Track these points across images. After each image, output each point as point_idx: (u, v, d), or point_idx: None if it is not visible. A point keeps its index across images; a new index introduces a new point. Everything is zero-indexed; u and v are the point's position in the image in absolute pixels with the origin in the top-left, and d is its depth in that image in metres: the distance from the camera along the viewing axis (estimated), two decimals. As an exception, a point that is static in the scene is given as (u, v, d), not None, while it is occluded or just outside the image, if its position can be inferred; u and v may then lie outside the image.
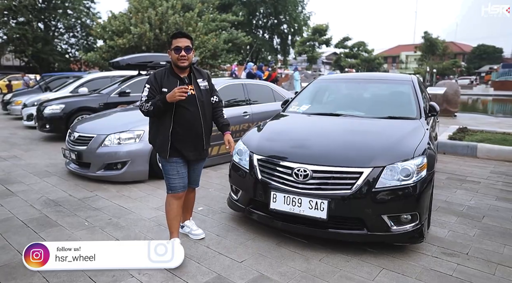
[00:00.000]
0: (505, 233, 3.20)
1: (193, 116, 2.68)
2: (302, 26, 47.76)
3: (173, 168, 2.73)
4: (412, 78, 4.31)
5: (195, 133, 2.71)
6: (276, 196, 2.86)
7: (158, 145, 2.74)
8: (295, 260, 2.70)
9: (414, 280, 2.44)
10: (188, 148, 2.72)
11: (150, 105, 2.58)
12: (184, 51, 2.59)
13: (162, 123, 2.67)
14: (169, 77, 2.66)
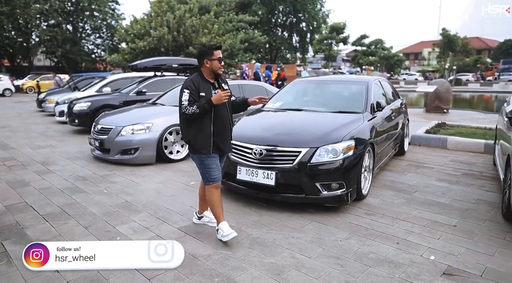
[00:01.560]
0: (424, 202, 4.08)
1: (225, 116, 3.09)
2: (321, 24, 48.07)
3: (212, 162, 3.07)
4: (369, 80, 5.20)
5: (227, 130, 3.13)
6: (241, 169, 3.89)
7: (199, 143, 3.02)
8: (252, 215, 3.71)
9: (332, 228, 3.41)
10: (224, 143, 3.12)
11: (196, 108, 2.87)
12: (222, 61, 3.07)
13: (202, 124, 2.99)
14: (203, 83, 3.01)
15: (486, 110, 14.01)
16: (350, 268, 2.71)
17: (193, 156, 3.16)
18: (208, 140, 3.01)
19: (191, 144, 3.10)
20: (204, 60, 3.00)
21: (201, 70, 3.06)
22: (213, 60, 2.98)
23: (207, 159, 3.05)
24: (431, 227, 3.42)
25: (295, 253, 2.93)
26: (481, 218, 3.64)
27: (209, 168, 3.08)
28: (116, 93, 9.14)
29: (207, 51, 3.00)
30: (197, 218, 3.52)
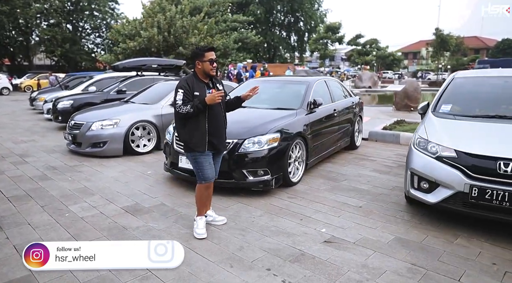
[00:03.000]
0: (346, 189, 4.63)
1: (219, 115, 3.19)
2: (318, 23, 48.49)
3: (206, 160, 3.16)
4: (311, 81, 5.74)
5: (222, 128, 3.24)
6: (182, 158, 4.45)
7: (194, 142, 3.10)
8: (188, 198, 4.26)
9: (252, 208, 3.96)
10: (219, 141, 3.22)
11: (190, 107, 2.96)
12: (215, 62, 3.15)
13: (197, 123, 3.07)
14: (197, 83, 3.10)
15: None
16: (249, 237, 3.27)
17: (187, 154, 3.26)
18: (204, 138, 3.09)
19: (186, 142, 3.17)
20: (196, 62, 3.10)
21: (195, 70, 3.17)
22: (204, 61, 3.07)
23: (201, 157, 3.15)
24: (338, 208, 3.97)
25: (210, 226, 3.49)
26: (388, 201, 4.18)
27: (202, 166, 3.17)
28: (98, 92, 9.71)
29: (199, 53, 3.10)
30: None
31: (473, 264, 2.81)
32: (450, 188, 3.28)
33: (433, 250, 3.04)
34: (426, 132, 3.73)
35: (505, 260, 2.89)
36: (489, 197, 3.09)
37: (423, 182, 3.53)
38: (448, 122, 3.84)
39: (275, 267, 2.77)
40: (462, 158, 3.27)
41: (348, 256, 2.92)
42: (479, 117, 3.81)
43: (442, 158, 3.39)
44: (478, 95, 4.25)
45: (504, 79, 4.40)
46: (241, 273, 2.67)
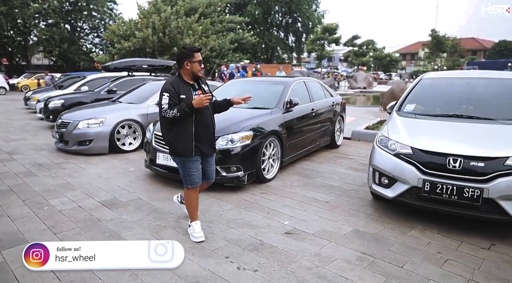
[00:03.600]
0: (318, 185, 4.82)
1: (207, 117, 3.11)
2: (316, 24, 48.72)
3: (194, 165, 3.09)
4: (289, 81, 5.94)
5: (210, 131, 3.15)
6: (160, 155, 4.65)
7: (181, 146, 3.02)
8: (164, 193, 4.46)
9: (224, 202, 4.15)
10: (207, 145, 3.14)
11: (176, 111, 2.87)
12: (202, 63, 3.11)
13: (184, 126, 2.99)
14: (182, 85, 3.01)
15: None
16: (215, 228, 3.46)
17: (175, 158, 3.18)
18: (190, 143, 3.02)
19: (172, 147, 3.10)
20: (185, 62, 3.00)
21: (180, 72, 3.07)
22: (194, 62, 3.00)
23: (189, 162, 3.08)
24: (306, 203, 4.16)
25: (180, 219, 3.68)
26: (355, 197, 4.37)
27: (189, 171, 3.10)
28: (89, 91, 9.90)
29: (188, 53, 3.01)
30: (179, 201, 3.69)
31: (419, 253, 3.01)
32: (406, 183, 3.48)
33: (386, 240, 3.23)
34: (387, 131, 3.93)
35: (451, 249, 3.08)
36: (440, 191, 3.29)
37: (384, 178, 3.72)
38: (409, 121, 4.03)
39: (233, 255, 2.96)
40: (417, 155, 3.47)
41: (304, 246, 3.11)
42: (438, 117, 4.01)
43: (399, 154, 3.58)
44: (440, 95, 4.44)
45: (466, 81, 4.59)
46: (200, 261, 2.86)
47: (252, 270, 2.73)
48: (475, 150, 3.25)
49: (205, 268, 2.75)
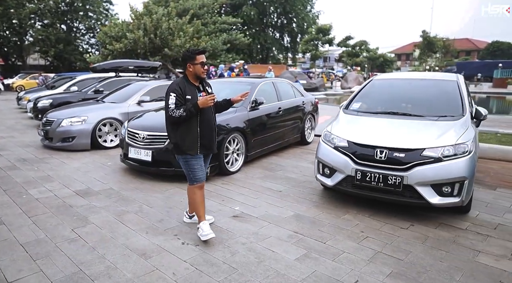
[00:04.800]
0: (277, 177, 5.26)
1: (210, 117, 3.26)
2: (311, 25, 49.19)
3: (197, 162, 3.22)
4: (256, 82, 6.38)
5: (212, 130, 3.31)
6: (131, 150, 5.09)
7: (187, 145, 3.15)
8: (135, 183, 4.90)
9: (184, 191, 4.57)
10: (210, 143, 3.28)
11: (183, 111, 3.01)
12: (206, 65, 3.22)
13: (189, 126, 3.12)
14: (188, 86, 3.15)
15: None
16: (172, 213, 3.91)
17: (179, 157, 3.27)
18: (196, 141, 3.16)
19: (178, 146, 3.20)
20: (188, 65, 3.13)
21: (185, 74, 3.21)
22: (196, 64, 3.11)
23: (193, 159, 3.20)
24: (260, 192, 4.61)
25: (143, 205, 4.13)
26: (307, 187, 4.82)
27: (193, 169, 3.22)
28: (77, 91, 10.32)
29: (190, 56, 3.12)
30: (188, 217, 3.64)
31: (344, 232, 3.46)
32: (342, 173, 3.93)
33: (320, 222, 3.68)
34: (331, 127, 4.38)
35: (374, 229, 3.54)
36: (369, 179, 3.74)
37: (326, 169, 4.18)
38: (351, 118, 4.49)
39: (182, 233, 3.41)
40: (351, 147, 3.92)
41: (246, 226, 3.56)
42: (378, 114, 4.46)
43: (338, 147, 4.04)
44: (384, 95, 4.90)
45: (409, 81, 5.05)
46: (151, 238, 3.31)
47: (194, 245, 3.18)
48: (398, 143, 3.70)
49: (154, 243, 3.20)
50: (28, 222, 3.62)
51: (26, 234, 3.36)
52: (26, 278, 2.65)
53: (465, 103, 4.26)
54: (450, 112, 4.16)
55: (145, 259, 2.92)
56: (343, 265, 2.87)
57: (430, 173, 3.54)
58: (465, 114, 4.10)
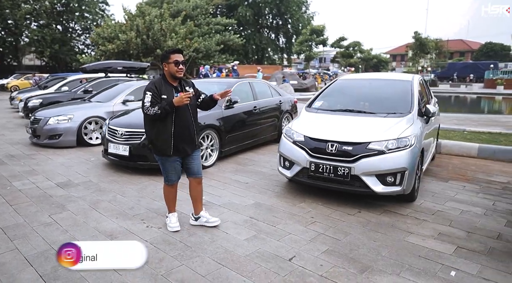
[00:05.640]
0: (248, 171, 5.63)
1: (187, 118, 3.22)
2: (306, 26, 49.65)
3: (171, 166, 3.29)
4: (231, 82, 6.76)
5: (189, 131, 3.26)
6: (110, 145, 5.46)
7: (160, 145, 3.19)
8: (113, 176, 5.26)
9: (159, 183, 4.86)
10: (186, 144, 3.27)
11: (157, 109, 3.03)
12: (181, 64, 3.16)
13: (164, 126, 3.14)
14: (165, 86, 3.16)
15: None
16: (143, 201, 4.27)
17: (156, 156, 3.36)
18: (169, 142, 3.16)
19: (153, 145, 3.29)
20: (163, 64, 3.18)
21: (163, 73, 3.24)
22: (169, 63, 3.12)
23: (167, 161, 3.26)
24: (228, 183, 4.98)
25: (117, 195, 4.49)
26: (273, 179, 5.19)
27: (167, 170, 3.32)
28: (67, 91, 10.67)
29: (165, 55, 3.17)
30: (193, 219, 3.62)
31: (296, 218, 3.83)
32: (299, 165, 4.31)
33: (276, 210, 4.06)
34: (293, 123, 4.76)
35: (324, 215, 3.91)
36: (322, 170, 4.12)
37: (286, 162, 4.55)
38: (311, 115, 4.87)
39: (148, 218, 3.77)
40: (307, 141, 4.30)
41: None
42: (336, 111, 4.84)
43: (296, 142, 4.41)
44: (344, 94, 5.28)
45: (369, 82, 5.44)
46: (120, 222, 3.67)
47: (157, 228, 3.55)
48: (347, 137, 4.09)
49: (121, 227, 3.57)
50: (9, 210, 3.98)
51: (6, 219, 3.72)
52: (3, 254, 3.01)
53: (413, 102, 4.64)
54: (399, 110, 4.54)
55: (111, 239, 3.29)
56: (286, 244, 3.24)
57: (374, 164, 3.92)
58: (412, 111, 4.49)
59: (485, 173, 5.65)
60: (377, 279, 2.70)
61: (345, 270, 2.82)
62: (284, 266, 2.87)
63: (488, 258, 3.03)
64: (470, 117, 11.39)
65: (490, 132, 7.84)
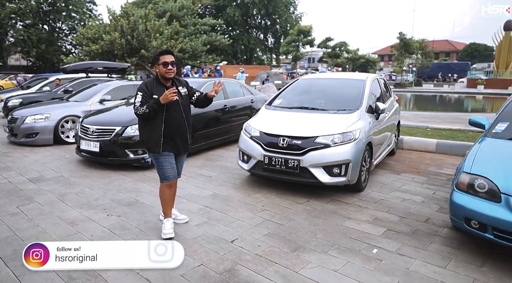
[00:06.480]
0: (214, 166, 5.94)
1: (178, 117, 3.25)
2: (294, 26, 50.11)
3: (165, 160, 3.28)
4: (202, 82, 7.06)
5: (181, 130, 3.29)
6: (82, 142, 5.73)
7: (152, 143, 3.24)
8: (85, 172, 5.53)
9: (126, 177, 5.24)
10: (178, 142, 3.30)
11: (146, 108, 3.08)
12: (170, 65, 3.17)
13: (154, 124, 3.19)
14: (157, 86, 3.21)
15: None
16: (109, 193, 4.55)
17: (149, 154, 3.42)
18: (159, 139, 3.20)
19: (144, 143, 3.36)
20: (154, 66, 3.27)
21: (156, 74, 3.32)
22: (159, 64, 3.18)
23: (160, 157, 3.27)
24: (192, 177, 5.29)
25: (85, 188, 4.77)
26: (236, 173, 5.51)
27: (162, 166, 3.31)
28: (47, 91, 10.85)
29: (155, 57, 3.24)
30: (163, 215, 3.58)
31: (248, 207, 4.16)
32: (255, 158, 4.64)
33: (231, 200, 4.38)
34: (251, 120, 5.09)
35: (274, 204, 4.24)
36: (274, 163, 4.45)
37: (245, 156, 4.88)
38: (269, 112, 5.20)
39: (111, 208, 4.07)
40: (262, 136, 4.63)
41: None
42: (292, 108, 5.18)
43: (252, 137, 4.74)
44: (301, 92, 5.63)
45: (327, 81, 5.80)
46: (83, 211, 3.96)
47: (117, 216, 3.85)
48: (297, 132, 4.43)
49: (84, 215, 3.85)
50: (-19, 202, 4.24)
51: (-24, 210, 3.98)
52: (-31, 240, 3.28)
53: (363, 99, 5.00)
54: (348, 107, 4.90)
55: (72, 226, 3.58)
56: (232, 228, 3.57)
57: (321, 156, 4.27)
58: (360, 108, 4.84)
59: (437, 166, 6.05)
60: (306, 256, 3.04)
61: (280, 249, 3.15)
62: (225, 247, 3.19)
63: (410, 238, 3.39)
64: (438, 115, 11.87)
65: (450, 129, 8.28)
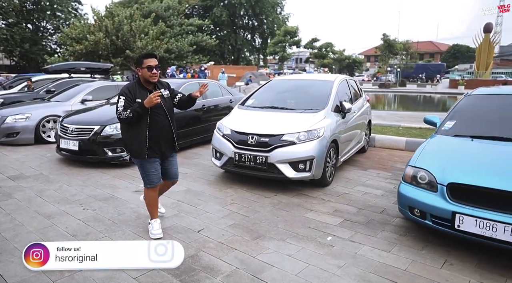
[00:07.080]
0: (190, 164, 6.18)
1: (162, 119, 3.21)
2: (281, 27, 50.52)
3: (152, 166, 3.23)
4: (180, 82, 7.29)
5: (166, 133, 3.27)
6: (62, 141, 5.91)
7: (135, 149, 3.18)
8: (64, 170, 5.71)
9: (106, 174, 5.44)
10: (163, 146, 3.26)
11: (129, 112, 3.01)
12: (155, 69, 3.12)
13: (138, 129, 3.13)
14: (139, 90, 3.15)
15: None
16: (86, 189, 4.75)
17: (134, 160, 3.33)
18: (143, 145, 3.14)
19: (128, 149, 3.32)
20: (137, 69, 3.20)
21: (138, 77, 3.24)
22: (143, 68, 3.11)
23: (145, 163, 3.22)
24: (169, 174, 5.50)
25: (64, 184, 4.96)
26: (211, 170, 5.75)
27: (147, 172, 3.26)
28: (29, 91, 10.92)
29: (139, 59, 3.16)
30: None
31: (218, 200, 4.42)
32: (226, 155, 4.90)
33: (203, 194, 4.63)
34: (224, 119, 5.34)
35: (244, 198, 4.51)
36: (244, 159, 4.72)
37: (217, 153, 5.14)
38: (241, 111, 5.47)
39: (87, 203, 4.28)
40: (233, 135, 4.89)
41: (141, 197, 4.45)
42: (263, 108, 5.45)
43: (224, 135, 5.00)
44: (274, 92, 5.91)
45: (298, 82, 6.10)
46: (60, 206, 4.16)
47: (92, 210, 4.06)
48: (265, 130, 4.70)
49: (60, 209, 4.06)
50: (-40, 198, 4.40)
51: (-45, 205, 4.14)
52: None
53: (329, 99, 5.30)
54: (315, 106, 5.20)
55: (48, 219, 3.78)
56: (200, 220, 3.82)
57: (286, 153, 4.55)
58: (326, 107, 5.14)
59: (404, 163, 6.33)
60: (265, 243, 3.32)
61: (241, 238, 3.42)
62: (191, 236, 3.44)
63: (363, 227, 3.70)
64: (413, 114, 12.32)
65: (420, 128, 8.66)
